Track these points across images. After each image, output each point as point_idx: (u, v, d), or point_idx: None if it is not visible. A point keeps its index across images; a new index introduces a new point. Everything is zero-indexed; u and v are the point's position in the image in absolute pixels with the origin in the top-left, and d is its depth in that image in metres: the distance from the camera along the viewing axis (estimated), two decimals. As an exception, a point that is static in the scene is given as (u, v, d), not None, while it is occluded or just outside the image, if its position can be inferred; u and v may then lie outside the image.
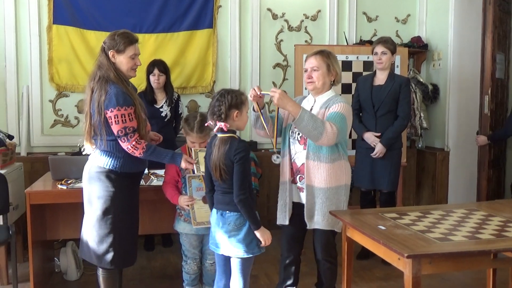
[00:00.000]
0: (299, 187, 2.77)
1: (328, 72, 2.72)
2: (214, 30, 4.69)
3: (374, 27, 5.10)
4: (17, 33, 4.32)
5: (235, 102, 2.39)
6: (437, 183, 4.98)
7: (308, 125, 2.52)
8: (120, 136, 2.60)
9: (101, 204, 2.65)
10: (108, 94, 2.58)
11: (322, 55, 2.73)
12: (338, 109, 2.64)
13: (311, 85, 2.74)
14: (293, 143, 2.77)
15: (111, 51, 2.65)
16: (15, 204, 3.66)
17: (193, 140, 2.87)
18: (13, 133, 4.16)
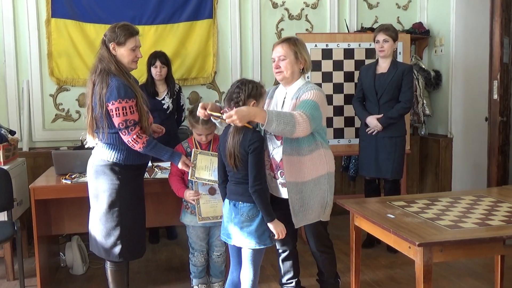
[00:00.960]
0: (281, 183, 2.63)
1: (297, 60, 2.60)
2: (214, 20, 4.65)
3: (375, 14, 5.06)
4: (16, 28, 4.28)
5: (254, 93, 2.38)
6: (440, 170, 4.96)
7: (278, 125, 2.33)
8: (121, 129, 2.59)
9: (107, 197, 2.65)
10: (109, 86, 2.57)
11: (288, 43, 2.62)
12: (308, 97, 2.50)
13: (280, 75, 2.63)
14: (270, 139, 2.64)
15: (111, 44, 2.64)
16: (19, 200, 3.65)
17: (199, 132, 2.85)
18: (15, 128, 4.13)
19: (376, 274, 3.52)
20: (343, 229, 4.54)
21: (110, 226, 2.66)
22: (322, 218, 2.66)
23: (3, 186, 3.18)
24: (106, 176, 2.65)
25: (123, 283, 2.85)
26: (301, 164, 2.55)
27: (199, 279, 3.07)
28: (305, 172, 2.56)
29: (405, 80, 3.74)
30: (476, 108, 4.87)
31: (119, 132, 2.61)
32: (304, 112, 2.41)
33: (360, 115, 3.92)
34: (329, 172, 2.65)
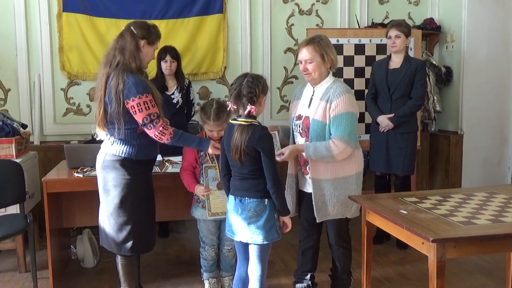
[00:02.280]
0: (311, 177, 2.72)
1: (323, 62, 2.63)
2: (225, 15, 4.64)
3: (386, 9, 5.03)
4: (27, 22, 4.30)
5: (265, 88, 2.40)
6: (450, 167, 4.94)
7: (317, 157, 2.55)
8: (146, 124, 2.58)
9: (119, 193, 2.65)
10: (126, 83, 2.55)
11: (314, 44, 2.62)
12: (341, 109, 2.55)
13: (308, 77, 2.67)
14: (296, 136, 2.77)
15: (143, 41, 2.63)
16: (31, 193, 3.68)
17: (211, 128, 2.86)
18: (26, 122, 4.16)
19: (385, 270, 3.52)
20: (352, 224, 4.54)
21: (122, 221, 2.67)
22: (349, 215, 2.74)
23: (15, 179, 3.21)
24: (117, 171, 2.65)
25: (134, 276, 2.87)
26: (327, 162, 2.61)
27: (209, 273, 3.08)
28: (331, 170, 2.63)
29: (418, 76, 3.72)
30: (487, 104, 4.85)
31: (143, 127, 2.60)
32: (342, 138, 2.53)
33: (372, 113, 3.90)
34: (357, 172, 2.72)
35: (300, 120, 2.72)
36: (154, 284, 3.25)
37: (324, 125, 2.61)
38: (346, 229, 2.85)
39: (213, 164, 2.88)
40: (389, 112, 3.78)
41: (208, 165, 2.87)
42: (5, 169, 3.23)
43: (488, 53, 4.79)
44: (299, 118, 2.74)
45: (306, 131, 2.68)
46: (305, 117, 2.70)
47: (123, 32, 2.66)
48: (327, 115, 2.60)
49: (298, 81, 4.87)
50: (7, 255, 3.80)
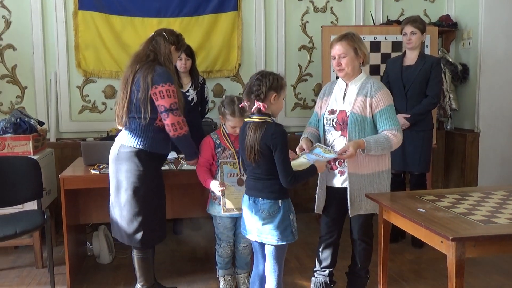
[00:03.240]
0: (340, 171, 2.73)
1: (357, 56, 2.67)
2: (239, 12, 4.64)
3: (401, 6, 4.99)
4: (44, 20, 4.35)
5: (275, 85, 2.36)
6: (466, 165, 4.89)
7: (377, 151, 2.59)
8: (173, 110, 2.66)
9: (132, 183, 2.69)
10: (156, 72, 2.67)
11: (347, 39, 2.67)
12: (384, 103, 2.64)
13: (341, 72, 2.70)
14: (329, 131, 2.76)
15: (173, 46, 2.81)
16: (48, 189, 3.71)
17: (234, 125, 2.85)
18: (43, 119, 4.20)
19: (401, 269, 3.50)
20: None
21: (134, 212, 2.71)
22: (377, 211, 2.70)
23: (33, 175, 3.24)
24: (131, 162, 2.69)
25: (150, 271, 2.89)
26: (365, 157, 2.64)
27: (225, 270, 3.09)
28: (367, 165, 2.67)
29: (433, 73, 3.68)
30: (505, 102, 4.79)
31: (168, 113, 2.65)
32: (396, 128, 2.62)
33: None
34: (389, 168, 2.79)
35: (334, 115, 2.74)
36: (170, 280, 3.27)
37: (364, 118, 2.65)
38: (370, 224, 2.86)
39: (228, 160, 2.88)
40: (404, 109, 3.75)
41: (223, 160, 2.87)
42: (23, 165, 3.26)
43: (505, 50, 4.73)
44: (332, 112, 2.75)
45: (341, 125, 2.70)
46: (340, 111, 2.72)
47: (155, 36, 2.81)
48: (367, 109, 2.65)
49: (313, 79, 4.86)
50: (24, 251, 3.84)
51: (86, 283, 3.29)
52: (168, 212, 3.07)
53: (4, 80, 4.36)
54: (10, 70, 4.35)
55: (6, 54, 4.33)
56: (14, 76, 4.37)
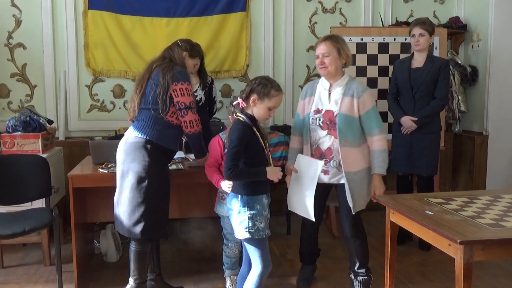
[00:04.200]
0: (324, 171, 2.86)
1: (339, 56, 2.81)
2: (248, 13, 4.65)
3: (411, 7, 4.97)
4: (54, 19, 4.37)
5: (259, 89, 2.45)
6: (475, 168, 4.86)
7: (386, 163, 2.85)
8: (192, 108, 2.79)
9: (136, 173, 2.72)
10: (176, 70, 2.80)
11: (331, 40, 2.82)
12: (370, 105, 2.81)
13: (324, 70, 2.82)
14: (315, 130, 2.87)
15: (185, 52, 3.00)
16: (56, 188, 3.74)
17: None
18: (52, 117, 4.23)
19: (408, 271, 3.49)
20: (374, 224, 4.51)
21: (136, 202, 2.72)
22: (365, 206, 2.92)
23: (42, 173, 3.26)
24: (138, 152, 2.73)
25: (144, 266, 2.87)
26: (354, 154, 2.82)
27: (231, 270, 3.09)
28: (358, 162, 2.83)
29: (441, 75, 3.67)
30: (513, 105, 4.76)
31: (186, 110, 2.76)
32: (380, 130, 2.83)
33: (395, 113, 3.86)
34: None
35: (320, 114, 2.86)
36: (176, 280, 3.28)
37: (352, 118, 2.80)
38: (360, 219, 2.98)
39: None
40: (412, 112, 3.73)
41: None
42: (32, 164, 3.29)
43: (516, 52, 4.70)
44: (318, 112, 2.87)
45: (328, 124, 2.83)
46: (327, 110, 2.85)
47: (171, 45, 2.99)
48: (355, 109, 2.80)
49: (321, 80, 4.84)
50: (32, 248, 3.88)
51: (93, 281, 3.31)
52: (175, 212, 3.08)
53: (14, 79, 4.39)
54: (20, 68, 4.39)
55: (16, 52, 4.37)
56: (24, 75, 4.40)
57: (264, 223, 2.50)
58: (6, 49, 4.35)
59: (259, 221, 2.47)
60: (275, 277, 3.38)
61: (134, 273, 2.84)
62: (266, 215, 2.53)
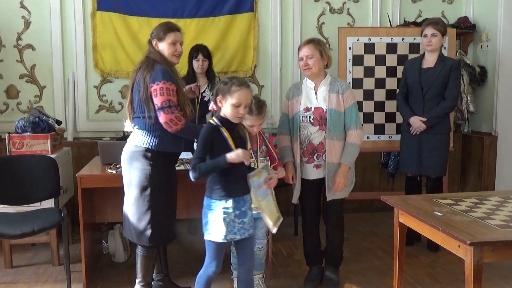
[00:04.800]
0: (316, 165, 3.06)
1: (322, 58, 3.01)
2: (255, 13, 4.65)
3: (419, 7, 4.95)
4: (63, 20, 4.41)
5: (222, 88, 2.46)
6: (484, 169, 4.83)
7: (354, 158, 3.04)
8: (164, 108, 2.65)
9: (138, 182, 2.73)
10: (154, 70, 2.70)
11: (314, 43, 3.02)
12: (351, 101, 3.04)
13: (308, 71, 3.03)
14: (306, 127, 3.05)
15: (154, 40, 2.81)
16: (65, 188, 3.75)
17: (252, 123, 2.84)
18: (60, 118, 4.25)
19: (416, 272, 3.47)
20: (381, 226, 4.50)
21: (141, 210, 2.74)
22: (347, 195, 3.15)
23: (51, 174, 3.28)
24: (138, 162, 2.73)
25: (149, 270, 2.90)
26: (338, 148, 3.02)
27: (239, 271, 3.08)
28: (340, 154, 3.02)
29: (452, 76, 3.64)
30: (524, 105, 4.72)
31: (160, 111, 2.65)
32: (358, 125, 3.04)
33: (403, 113, 3.84)
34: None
35: (310, 111, 3.05)
36: (184, 280, 3.28)
37: (340, 113, 3.03)
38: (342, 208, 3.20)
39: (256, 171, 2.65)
40: (421, 112, 3.72)
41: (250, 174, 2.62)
42: (41, 164, 3.31)
43: (525, 53, 4.66)
44: (307, 110, 3.06)
45: (319, 120, 3.03)
46: (316, 107, 3.05)
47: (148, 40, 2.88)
48: (341, 104, 3.02)
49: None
50: (41, 248, 3.90)
51: (101, 281, 3.32)
52: (182, 212, 3.08)
53: (23, 80, 4.43)
54: (29, 69, 4.42)
55: (25, 54, 4.40)
56: (33, 76, 4.43)
57: (226, 227, 2.47)
58: (15, 50, 4.38)
59: (218, 225, 2.49)
60: (282, 278, 3.38)
61: (139, 275, 2.89)
62: (230, 219, 2.48)
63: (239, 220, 2.51)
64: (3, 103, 4.42)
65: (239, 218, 2.51)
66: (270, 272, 3.40)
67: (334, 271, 3.25)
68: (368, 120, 4.31)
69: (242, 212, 2.52)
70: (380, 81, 4.30)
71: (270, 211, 2.68)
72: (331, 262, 3.26)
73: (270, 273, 3.39)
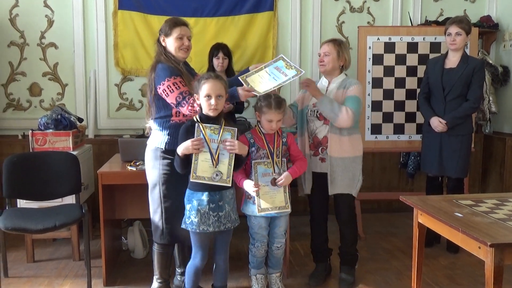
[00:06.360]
0: (321, 158, 3.11)
1: (338, 58, 3.09)
2: (275, 12, 4.65)
3: (441, 6, 4.89)
4: (85, 19, 4.47)
5: (195, 86, 2.62)
6: (505, 170, 4.75)
7: (325, 108, 2.96)
8: (180, 102, 2.69)
9: (151, 181, 2.83)
10: (156, 71, 2.76)
11: (334, 43, 3.11)
12: (354, 92, 3.03)
13: (322, 68, 3.13)
14: (312, 121, 3.13)
15: (162, 36, 2.85)
16: (86, 184, 3.81)
17: (270, 118, 2.86)
18: (82, 116, 4.32)
19: (435, 274, 3.43)
20: (399, 226, 4.47)
21: (153, 208, 2.86)
22: (354, 193, 3.13)
23: (72, 170, 3.34)
24: (151, 162, 2.83)
25: (166, 267, 2.96)
26: (342, 142, 3.05)
27: (257, 270, 3.09)
28: (345, 150, 3.06)
29: (475, 77, 3.58)
30: (548, 106, 4.63)
31: (177, 107, 2.72)
32: (351, 109, 2.96)
33: (424, 113, 3.80)
34: (362, 155, 3.18)
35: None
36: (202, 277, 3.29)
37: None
38: (353, 205, 3.22)
39: (262, 160, 2.89)
40: (442, 113, 3.67)
41: (257, 161, 2.88)
42: (63, 160, 3.36)
43: (549, 52, 4.57)
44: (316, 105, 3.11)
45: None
46: None
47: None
48: (343, 98, 3.05)
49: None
50: (62, 244, 3.97)
51: (121, 277, 3.37)
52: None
53: (46, 78, 4.51)
54: (52, 67, 4.50)
55: (48, 52, 4.48)
56: (55, 74, 4.51)
57: (199, 218, 2.61)
58: (38, 49, 4.47)
59: (193, 216, 2.62)
60: (299, 276, 3.38)
61: (156, 272, 2.96)
62: (204, 211, 2.61)
63: (214, 213, 2.63)
64: (26, 100, 4.50)
65: (214, 211, 2.63)
66: (288, 271, 3.40)
67: (349, 271, 3.24)
68: (387, 119, 4.28)
69: (219, 206, 2.65)
70: (400, 80, 4.26)
71: (273, 199, 2.87)
72: (345, 261, 3.26)
73: (288, 272, 3.40)
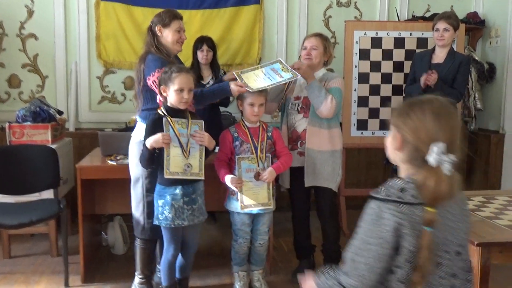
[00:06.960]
0: (299, 152, 3.08)
1: (324, 53, 3.10)
2: (261, 6, 4.58)
3: (428, 2, 4.86)
4: (66, 10, 4.35)
5: (163, 77, 2.55)
6: (490, 167, 4.76)
7: (313, 92, 2.95)
8: None
9: (134, 175, 2.78)
10: (146, 62, 2.70)
11: (321, 37, 3.12)
12: (337, 84, 3.03)
13: (309, 61, 3.06)
14: (293, 114, 3.12)
15: (158, 26, 2.79)
16: (65, 179, 3.72)
17: (252, 101, 2.81)
18: (62, 108, 4.21)
19: (420, 271, 3.40)
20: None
21: (135, 203, 2.80)
22: (334, 187, 3.11)
23: (50, 164, 3.25)
24: (131, 154, 2.78)
25: (148, 262, 2.91)
26: (321, 136, 3.03)
27: (240, 267, 3.04)
28: (323, 143, 3.04)
29: (461, 71, 3.56)
30: (533, 103, 4.63)
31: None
32: (335, 99, 2.96)
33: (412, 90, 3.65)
34: (341, 149, 3.17)
35: (299, 100, 3.12)
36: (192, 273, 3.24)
37: None
38: (335, 202, 3.30)
39: (246, 156, 2.82)
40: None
41: (241, 156, 2.82)
42: (41, 154, 3.28)
43: (535, 50, 4.57)
44: (297, 98, 3.13)
45: (304, 108, 3.09)
46: (304, 97, 3.09)
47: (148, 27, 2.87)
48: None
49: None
50: (40, 239, 3.86)
51: (100, 273, 3.29)
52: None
53: (26, 69, 4.38)
54: (31, 59, 4.37)
55: (28, 43, 4.35)
56: (35, 65, 4.39)
57: (174, 213, 2.57)
58: (18, 40, 4.34)
59: (167, 211, 2.58)
60: (283, 273, 3.34)
61: (138, 267, 2.91)
62: (179, 206, 2.58)
63: (188, 207, 2.61)
64: (4, 92, 4.38)
65: (188, 204, 2.61)
66: (271, 268, 3.35)
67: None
68: (373, 115, 4.25)
69: (192, 199, 2.62)
70: (386, 76, 4.23)
71: (256, 195, 2.82)
72: (328, 258, 3.21)
73: (271, 268, 3.35)
